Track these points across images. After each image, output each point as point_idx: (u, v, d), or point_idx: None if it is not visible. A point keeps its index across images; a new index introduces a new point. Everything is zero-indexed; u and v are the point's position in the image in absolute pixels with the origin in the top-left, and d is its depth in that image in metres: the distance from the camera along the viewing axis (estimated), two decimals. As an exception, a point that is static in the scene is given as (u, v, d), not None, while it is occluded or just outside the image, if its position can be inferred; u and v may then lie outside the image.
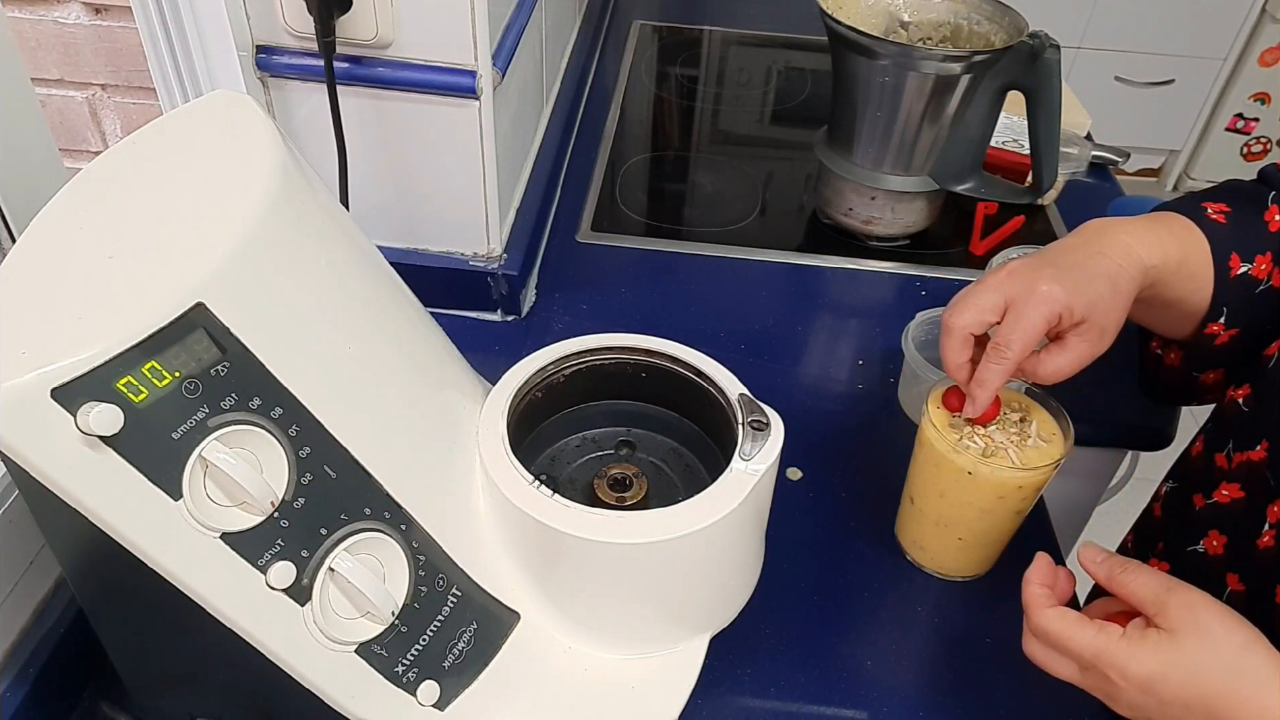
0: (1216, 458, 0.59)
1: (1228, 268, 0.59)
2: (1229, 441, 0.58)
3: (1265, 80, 2.50)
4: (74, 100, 0.95)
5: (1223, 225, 0.60)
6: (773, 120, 1.19)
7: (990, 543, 0.61)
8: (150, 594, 0.37)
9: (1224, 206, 0.61)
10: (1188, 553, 0.59)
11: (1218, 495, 0.57)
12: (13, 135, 0.51)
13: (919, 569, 0.64)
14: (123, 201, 0.40)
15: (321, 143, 0.69)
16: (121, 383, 0.34)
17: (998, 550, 0.63)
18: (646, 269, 0.89)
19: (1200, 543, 0.58)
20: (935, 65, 0.80)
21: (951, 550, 0.62)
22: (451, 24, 0.66)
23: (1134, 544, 0.69)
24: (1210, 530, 0.58)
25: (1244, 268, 0.59)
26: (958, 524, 0.60)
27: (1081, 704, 0.57)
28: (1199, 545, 0.58)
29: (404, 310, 0.49)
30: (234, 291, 0.37)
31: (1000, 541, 0.62)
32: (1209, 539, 0.57)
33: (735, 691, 0.56)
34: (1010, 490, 0.57)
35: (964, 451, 0.56)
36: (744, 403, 0.50)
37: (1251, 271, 0.59)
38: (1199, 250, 0.59)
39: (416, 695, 0.44)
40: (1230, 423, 0.59)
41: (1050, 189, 0.90)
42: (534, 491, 0.46)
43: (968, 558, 0.63)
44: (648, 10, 1.41)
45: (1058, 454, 0.57)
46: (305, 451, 0.39)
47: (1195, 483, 0.61)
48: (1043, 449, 0.57)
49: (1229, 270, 0.59)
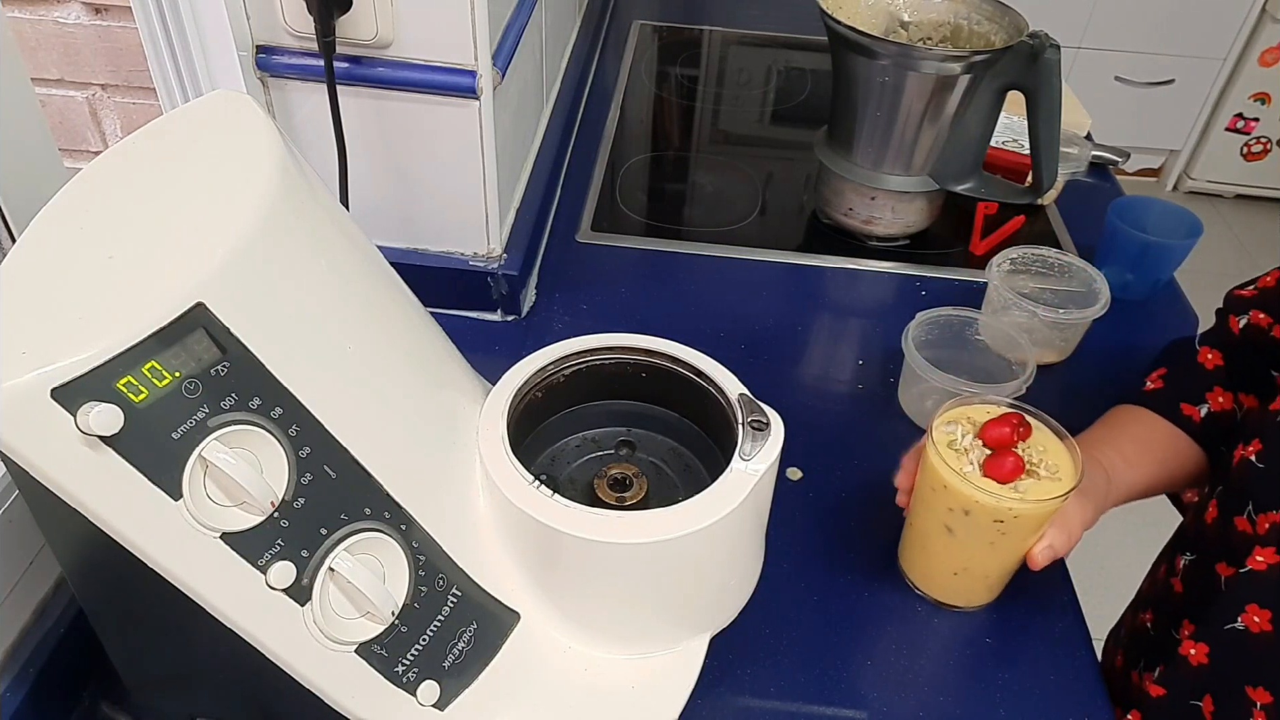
0: (1236, 522, 0.57)
1: (1188, 418, 0.65)
2: (1247, 503, 0.56)
3: (1265, 80, 2.50)
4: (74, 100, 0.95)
5: (1161, 391, 0.67)
6: (773, 120, 1.19)
7: (993, 574, 0.59)
8: (150, 594, 0.37)
9: (1160, 371, 0.68)
10: (1225, 631, 0.55)
11: (1251, 563, 0.54)
12: (13, 135, 0.51)
13: (922, 595, 0.62)
14: (123, 201, 0.40)
15: (321, 143, 0.69)
16: (121, 383, 0.34)
17: (1004, 582, 0.61)
18: (646, 269, 0.89)
19: (1239, 619, 0.54)
20: (935, 65, 0.80)
21: (957, 582, 0.60)
22: (451, 24, 0.66)
23: (1154, 623, 0.66)
24: (1248, 604, 0.54)
25: (1202, 409, 0.65)
26: (961, 556, 0.58)
27: (1081, 704, 0.57)
28: (1237, 622, 0.54)
29: (404, 310, 0.49)
30: (234, 291, 0.37)
31: (1007, 573, 0.60)
32: (1248, 615, 0.54)
33: (735, 691, 0.56)
34: (1019, 523, 0.55)
35: (968, 481, 0.54)
36: (744, 403, 0.50)
37: (1212, 409, 0.65)
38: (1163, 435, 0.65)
39: (416, 695, 0.44)
40: (1246, 483, 0.57)
41: (1050, 189, 0.89)
42: (534, 491, 0.46)
43: (972, 589, 0.61)
44: (648, 10, 1.41)
45: (1067, 486, 0.54)
46: (305, 451, 0.39)
47: (1217, 552, 0.58)
48: (1053, 482, 0.54)
49: (1191, 419, 0.65)
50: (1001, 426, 0.55)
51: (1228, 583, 0.57)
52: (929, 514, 0.58)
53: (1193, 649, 0.56)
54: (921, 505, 0.58)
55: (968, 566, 0.58)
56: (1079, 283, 0.81)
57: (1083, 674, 0.59)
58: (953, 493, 0.55)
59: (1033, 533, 0.56)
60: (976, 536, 0.56)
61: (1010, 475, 0.53)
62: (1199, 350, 0.67)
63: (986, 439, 0.56)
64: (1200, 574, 0.61)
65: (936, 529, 0.57)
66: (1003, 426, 0.55)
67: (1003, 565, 0.58)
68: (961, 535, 0.56)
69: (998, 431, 0.55)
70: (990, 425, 0.56)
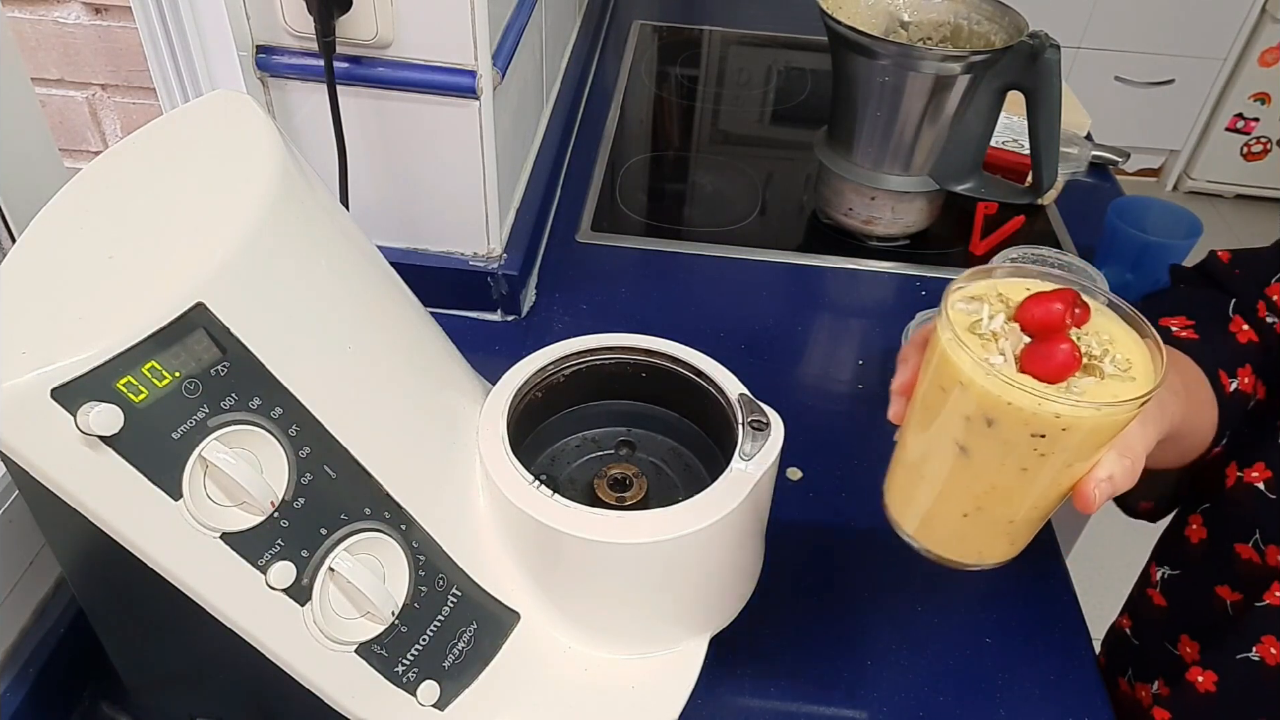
0: (1238, 549, 0.55)
1: (1222, 386, 0.56)
2: (1253, 531, 0.54)
3: (1265, 80, 2.50)
4: (74, 100, 0.95)
5: (1197, 343, 0.57)
6: (773, 120, 1.19)
7: (1019, 515, 0.42)
8: (150, 594, 0.37)
9: (1186, 321, 0.59)
10: (1238, 661, 0.54)
11: (1270, 597, 0.53)
12: (13, 135, 0.51)
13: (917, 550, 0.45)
14: (123, 201, 0.40)
15: (321, 143, 0.69)
16: (121, 383, 0.34)
17: (1033, 529, 0.43)
18: (646, 269, 0.89)
19: (1254, 650, 0.53)
20: (935, 65, 0.80)
21: (968, 527, 0.43)
22: (451, 24, 0.66)
23: (1135, 630, 0.65)
24: (1264, 636, 0.53)
25: (1233, 384, 0.56)
26: (977, 488, 0.41)
27: (1081, 704, 0.57)
28: (1252, 653, 0.53)
29: (404, 310, 0.49)
30: (234, 291, 0.37)
31: (1040, 516, 0.42)
32: (1264, 646, 0.53)
33: (735, 691, 0.56)
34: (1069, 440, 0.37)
35: (996, 375, 0.37)
36: (744, 403, 0.50)
37: (1240, 387, 0.57)
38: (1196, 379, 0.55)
39: (416, 695, 0.44)
40: (1250, 510, 0.55)
41: (1050, 189, 0.90)
42: (534, 491, 0.46)
43: (989, 537, 0.43)
44: (648, 10, 1.41)
45: (1145, 387, 0.37)
46: (305, 451, 0.39)
47: (1209, 574, 0.57)
48: (1123, 382, 0.38)
49: (1224, 388, 0.56)
50: (1049, 303, 0.38)
51: (1235, 609, 0.56)
52: (936, 428, 0.41)
53: (1200, 675, 0.56)
54: (925, 415, 0.42)
55: (984, 505, 0.41)
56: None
57: (1083, 674, 0.59)
58: (973, 393, 0.38)
59: (1086, 457, 0.39)
60: (1003, 458, 0.39)
61: (1061, 370, 0.37)
62: (1232, 319, 0.59)
63: (1026, 322, 0.38)
64: (1192, 593, 0.59)
65: (944, 449, 0.41)
66: (1051, 303, 0.38)
67: (1037, 503, 0.41)
68: (981, 457, 0.39)
69: (1044, 310, 0.38)
70: (1032, 303, 0.38)
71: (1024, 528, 0.43)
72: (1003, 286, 0.41)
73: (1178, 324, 0.59)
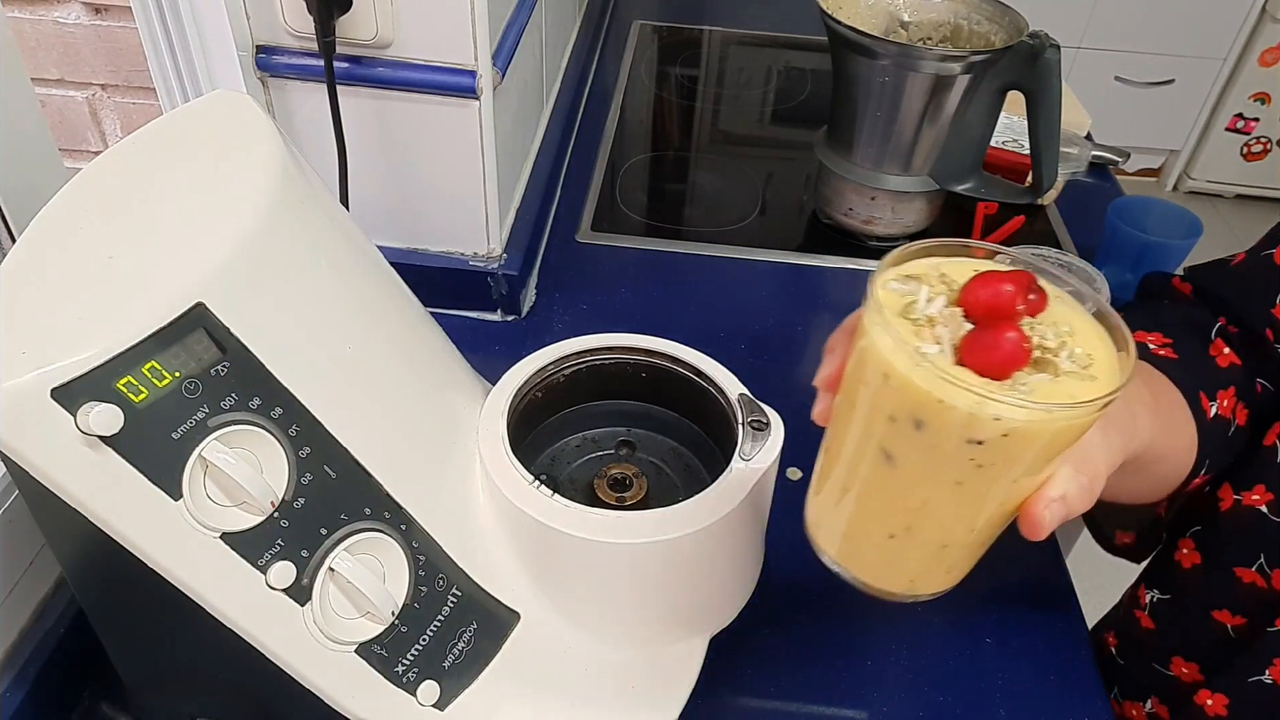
0: (1238, 573, 0.54)
1: (1202, 409, 0.52)
2: (1255, 555, 0.53)
3: (1265, 80, 2.50)
4: (74, 100, 0.95)
5: (1175, 362, 0.53)
6: (773, 120, 1.19)
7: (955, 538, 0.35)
8: (150, 594, 0.37)
9: (1164, 339, 0.55)
10: (1250, 684, 0.54)
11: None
12: (13, 135, 0.51)
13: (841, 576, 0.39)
14: (123, 201, 0.40)
15: (321, 143, 0.69)
16: (121, 383, 0.34)
17: (974, 554, 0.37)
18: (646, 269, 0.89)
19: (1266, 673, 0.53)
20: (935, 65, 0.80)
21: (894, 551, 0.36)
22: (451, 24, 0.66)
23: (1119, 649, 0.64)
24: (1275, 658, 0.53)
25: (1213, 407, 0.52)
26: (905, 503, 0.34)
27: (1081, 704, 0.57)
28: (1264, 675, 0.53)
29: (404, 310, 0.49)
30: (234, 291, 0.37)
31: (981, 539, 0.36)
32: (1276, 668, 0.53)
33: (735, 691, 0.56)
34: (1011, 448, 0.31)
35: (927, 367, 0.30)
36: (744, 403, 0.50)
37: (1219, 411, 0.53)
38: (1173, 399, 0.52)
39: (416, 695, 0.44)
40: (1249, 533, 0.54)
41: (1050, 189, 0.89)
42: (534, 491, 0.46)
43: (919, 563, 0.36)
44: (648, 10, 1.41)
45: (1107, 387, 0.31)
46: (305, 451, 0.39)
47: (1204, 598, 0.56)
48: (1081, 381, 0.31)
49: (1204, 412, 0.52)
50: (999, 285, 0.32)
51: (1240, 633, 0.55)
52: (858, 430, 0.34)
53: (1210, 699, 0.55)
54: (848, 415, 0.35)
55: (913, 525, 0.35)
56: (1079, 283, 0.81)
57: (1083, 674, 0.59)
58: (899, 388, 0.31)
59: (1035, 471, 0.33)
60: (934, 469, 0.32)
61: (1006, 364, 0.31)
62: (1214, 341, 0.56)
63: (970, 306, 0.32)
64: (1184, 618, 0.59)
65: (868, 456, 0.34)
66: (1001, 284, 0.32)
67: (975, 524, 0.34)
68: (909, 467, 0.33)
69: (991, 293, 0.32)
70: (978, 284, 0.32)
71: (962, 553, 0.36)
72: (947, 266, 0.35)
73: (1155, 340, 0.55)
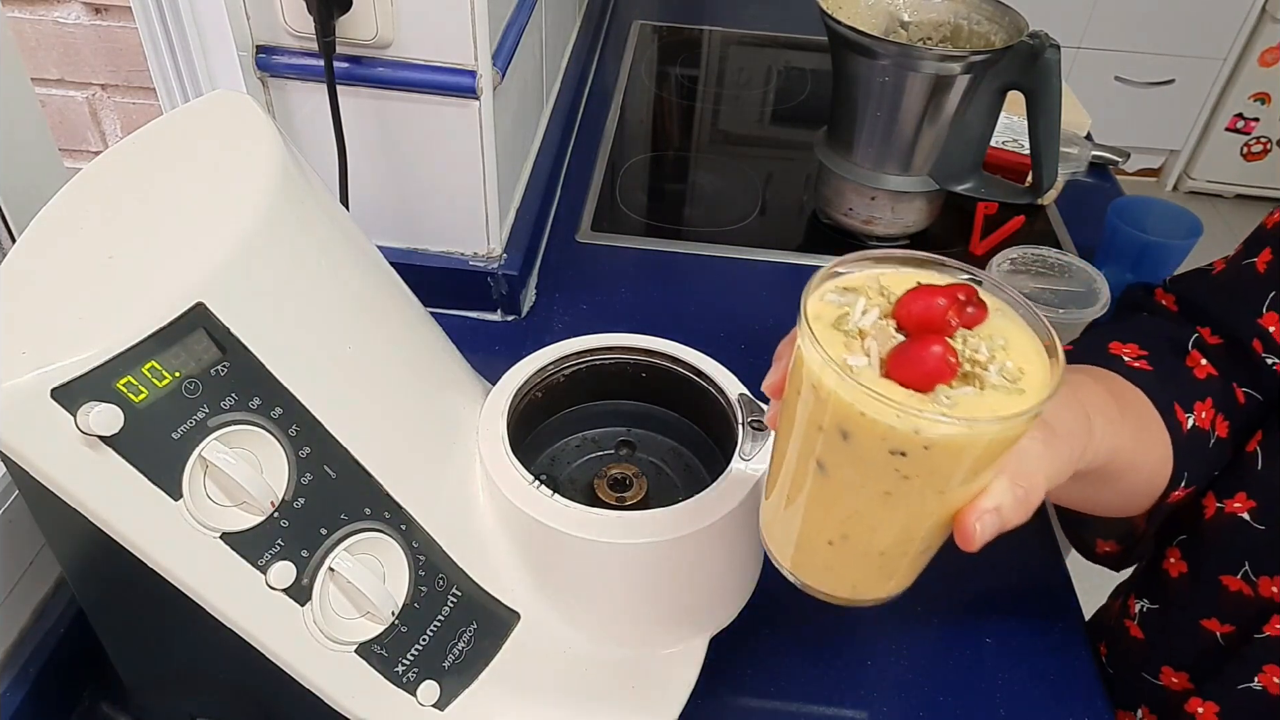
0: (1224, 581, 0.54)
1: (1178, 421, 0.52)
2: (1241, 564, 0.54)
3: (1265, 80, 2.50)
4: (74, 100, 0.95)
5: (1150, 374, 0.53)
6: (773, 120, 1.19)
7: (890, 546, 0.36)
8: (150, 594, 0.37)
9: (1140, 350, 0.54)
10: (1239, 690, 0.54)
11: (1270, 629, 0.53)
12: (13, 135, 0.51)
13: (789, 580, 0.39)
14: (123, 201, 0.40)
15: (321, 143, 0.69)
16: (121, 383, 0.34)
17: (915, 563, 0.37)
18: (646, 269, 0.89)
19: (1256, 679, 0.53)
20: (935, 65, 0.80)
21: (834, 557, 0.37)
22: (451, 24, 0.66)
23: (1109, 658, 0.64)
24: (1266, 665, 0.53)
25: (1189, 419, 0.52)
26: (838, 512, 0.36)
27: (1081, 704, 0.57)
28: (1254, 682, 0.53)
29: (404, 310, 0.49)
30: (234, 291, 0.37)
31: (918, 548, 0.36)
32: (1266, 675, 0.53)
33: (735, 691, 0.56)
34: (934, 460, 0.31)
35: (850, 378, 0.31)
36: (744, 403, 0.50)
37: (1197, 423, 0.53)
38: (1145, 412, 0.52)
39: (416, 695, 0.44)
40: (1235, 541, 0.54)
41: (1050, 189, 0.89)
42: (534, 491, 0.46)
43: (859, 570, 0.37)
44: (648, 10, 1.41)
45: (1032, 401, 0.31)
46: (305, 451, 0.39)
47: (1193, 607, 0.57)
48: (1007, 394, 0.32)
49: (1180, 426, 0.52)
50: (932, 298, 0.33)
51: (1229, 641, 0.55)
52: (795, 439, 0.35)
53: (1200, 706, 0.55)
54: (788, 422, 0.36)
55: (849, 533, 0.36)
56: (1079, 283, 0.81)
57: (1083, 674, 0.59)
58: (825, 400, 0.32)
59: (965, 482, 0.33)
60: (863, 479, 0.33)
61: (930, 377, 0.31)
62: (1190, 353, 0.56)
63: (903, 319, 0.33)
64: (1173, 628, 0.59)
65: (804, 465, 0.35)
66: (934, 298, 0.33)
67: (908, 534, 0.35)
68: (839, 477, 0.34)
69: (923, 306, 0.33)
70: (912, 297, 0.33)
71: (899, 561, 0.37)
72: (887, 278, 0.35)
73: (1130, 352, 0.54)
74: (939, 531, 0.35)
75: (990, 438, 0.31)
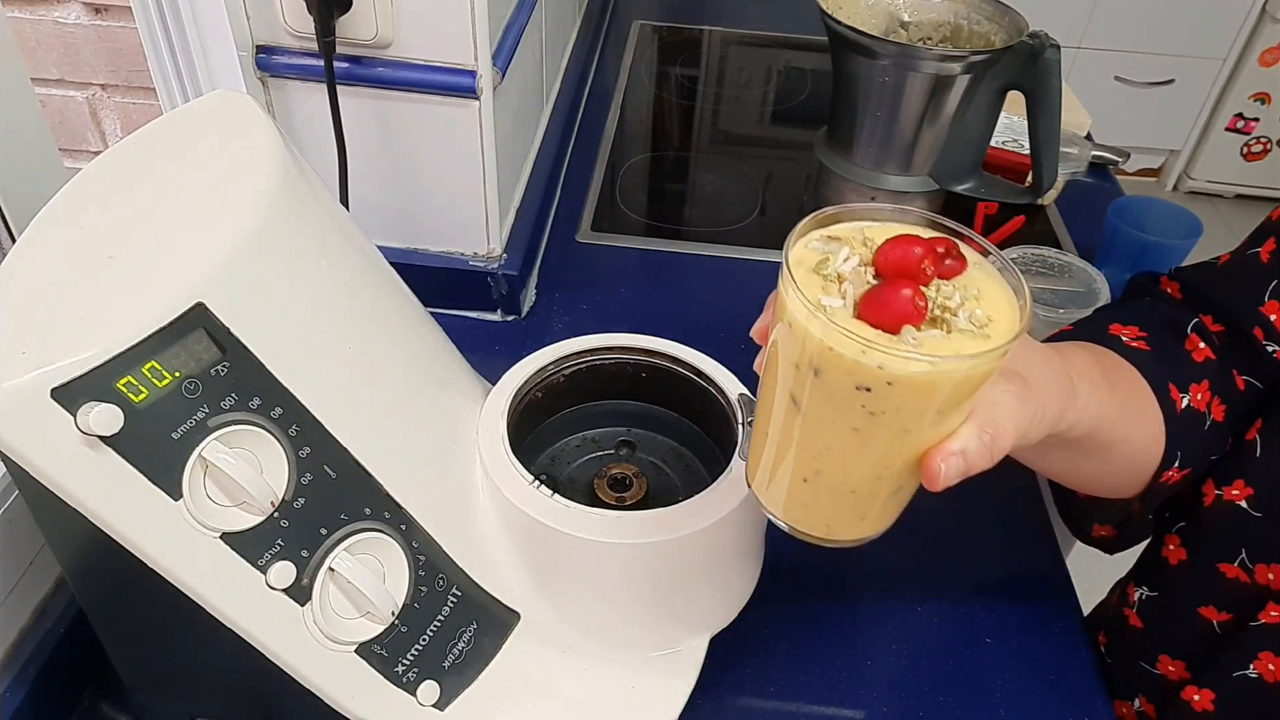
0: (1222, 569, 0.54)
1: (1171, 401, 0.52)
2: (1238, 551, 0.54)
3: (1265, 80, 2.50)
4: (74, 100, 0.95)
5: (1147, 354, 0.53)
6: (773, 120, 1.19)
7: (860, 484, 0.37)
8: (150, 594, 0.37)
9: (1139, 332, 0.55)
10: (1235, 678, 0.54)
11: (1265, 616, 0.53)
12: (13, 135, 0.51)
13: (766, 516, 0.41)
14: (123, 201, 0.40)
15: (321, 143, 0.69)
16: (121, 383, 0.34)
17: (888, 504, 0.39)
18: (646, 269, 0.89)
19: (1251, 667, 0.53)
20: (935, 65, 0.80)
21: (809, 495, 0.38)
22: (451, 24, 0.66)
23: (1107, 647, 0.65)
24: (1261, 653, 0.53)
25: (1184, 399, 0.53)
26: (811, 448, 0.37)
27: (1081, 703, 0.57)
28: (1249, 670, 0.53)
29: (404, 310, 0.49)
30: (234, 291, 0.37)
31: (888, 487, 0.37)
32: (1261, 662, 0.53)
33: (735, 691, 0.56)
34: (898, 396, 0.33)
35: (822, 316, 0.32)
36: (744, 403, 0.50)
37: (1192, 404, 0.53)
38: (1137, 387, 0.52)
39: (416, 695, 0.44)
40: (1232, 529, 0.54)
41: (1050, 189, 0.89)
42: (534, 491, 0.46)
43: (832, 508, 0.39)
44: (648, 10, 1.41)
45: (995, 343, 0.32)
46: (305, 451, 0.39)
47: (1190, 595, 0.57)
48: (970, 337, 0.33)
49: (1174, 404, 0.52)
50: (908, 246, 0.34)
51: (1225, 629, 0.55)
52: (773, 377, 0.37)
53: (1197, 694, 0.55)
54: (771, 364, 0.38)
55: (822, 469, 0.37)
56: (1079, 283, 0.81)
57: (1082, 672, 0.59)
58: (800, 336, 0.34)
59: (935, 423, 0.35)
60: (833, 415, 0.35)
61: (898, 318, 0.33)
62: (1189, 335, 0.56)
63: (880, 265, 0.35)
64: (1171, 615, 0.59)
65: (780, 401, 0.37)
66: (910, 246, 0.34)
67: (876, 471, 0.36)
68: (812, 412, 0.35)
69: (900, 253, 0.34)
70: (890, 245, 0.35)
71: (870, 501, 0.38)
72: (872, 230, 0.37)
73: (1129, 334, 0.55)
74: (908, 473, 0.37)
75: (954, 379, 0.33)
